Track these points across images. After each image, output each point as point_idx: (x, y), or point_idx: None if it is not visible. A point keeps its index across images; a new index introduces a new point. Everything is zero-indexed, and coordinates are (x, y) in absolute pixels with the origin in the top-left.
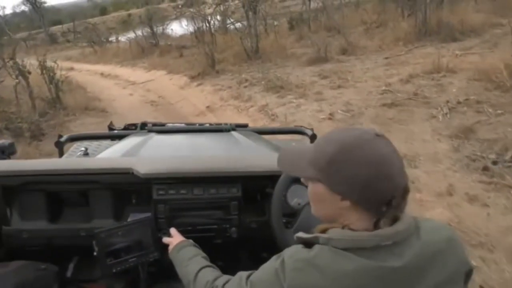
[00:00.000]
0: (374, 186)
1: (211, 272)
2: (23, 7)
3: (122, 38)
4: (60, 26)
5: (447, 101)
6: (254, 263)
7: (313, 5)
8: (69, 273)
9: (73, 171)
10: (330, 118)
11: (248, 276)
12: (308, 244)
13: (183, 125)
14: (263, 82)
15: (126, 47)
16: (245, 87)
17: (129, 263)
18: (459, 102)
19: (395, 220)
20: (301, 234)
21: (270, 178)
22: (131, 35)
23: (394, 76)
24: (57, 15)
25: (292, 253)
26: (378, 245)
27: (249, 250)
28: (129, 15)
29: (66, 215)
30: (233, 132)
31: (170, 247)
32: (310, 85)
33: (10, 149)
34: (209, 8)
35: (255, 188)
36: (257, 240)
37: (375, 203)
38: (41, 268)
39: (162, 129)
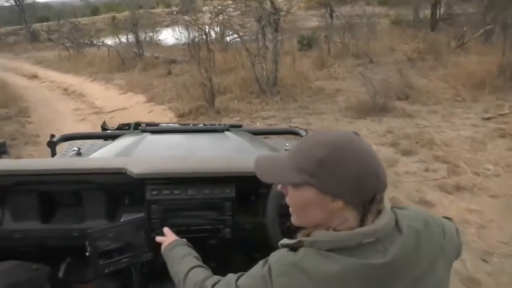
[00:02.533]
0: (365, 183)
1: (201, 272)
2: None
3: (109, 42)
4: (45, 23)
5: None
6: (248, 264)
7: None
8: (61, 274)
9: (66, 171)
10: None
11: (237, 280)
12: (293, 249)
13: (177, 125)
14: None
15: (105, 55)
16: None
17: (122, 263)
18: None
19: (378, 213)
20: (285, 241)
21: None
22: (116, 40)
23: None
24: (48, 12)
25: (278, 258)
26: (361, 243)
27: (243, 251)
28: (113, 18)
29: (58, 216)
30: (227, 133)
31: (163, 246)
32: (388, 170)
33: (2, 149)
34: (209, 18)
35: (249, 188)
36: (251, 241)
37: (364, 200)
38: (33, 268)
39: (156, 129)
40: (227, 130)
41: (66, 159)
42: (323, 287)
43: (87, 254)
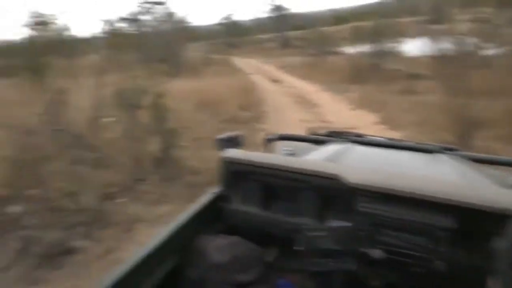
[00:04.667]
0: None
1: None
2: (266, 14)
3: (349, 51)
4: (295, 31)
5: None
6: None
7: None
8: (269, 258)
9: (289, 169)
10: None
11: None
12: None
13: (384, 139)
14: None
15: (343, 64)
16: None
17: (327, 266)
18: None
19: None
20: None
21: (495, 217)
22: (358, 49)
23: None
24: (302, 21)
25: None
26: None
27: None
28: (356, 27)
29: (275, 206)
30: (439, 155)
31: None
32: None
33: (237, 140)
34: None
35: (471, 222)
36: (466, 280)
37: None
38: (250, 247)
39: (363, 141)
40: (441, 152)
41: (291, 158)
42: None
43: (294, 247)
